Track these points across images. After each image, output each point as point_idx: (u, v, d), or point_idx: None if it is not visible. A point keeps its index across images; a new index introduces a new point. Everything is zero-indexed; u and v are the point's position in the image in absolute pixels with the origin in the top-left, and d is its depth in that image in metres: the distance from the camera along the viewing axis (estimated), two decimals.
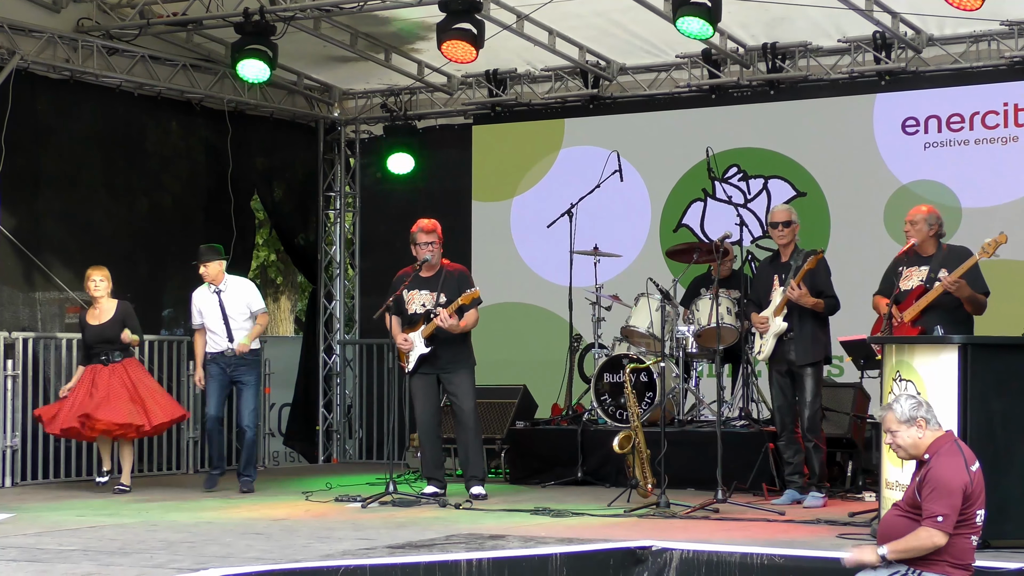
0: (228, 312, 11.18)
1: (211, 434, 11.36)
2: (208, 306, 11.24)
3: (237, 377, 11.22)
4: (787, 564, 7.17)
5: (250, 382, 11.25)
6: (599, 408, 11.55)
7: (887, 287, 9.27)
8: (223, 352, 11.18)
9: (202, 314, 11.27)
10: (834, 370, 11.83)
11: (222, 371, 11.21)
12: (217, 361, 11.22)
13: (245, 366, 11.22)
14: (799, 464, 9.98)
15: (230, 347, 11.15)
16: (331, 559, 7.08)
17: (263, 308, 11.44)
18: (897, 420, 6.32)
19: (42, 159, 12.61)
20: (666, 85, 13.55)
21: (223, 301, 11.20)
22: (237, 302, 11.24)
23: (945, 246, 9.16)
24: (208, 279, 11.25)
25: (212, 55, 13.63)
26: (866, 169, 12.61)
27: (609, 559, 7.53)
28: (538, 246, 13.72)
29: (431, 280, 10.45)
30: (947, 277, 8.77)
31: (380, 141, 14.95)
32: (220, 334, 11.18)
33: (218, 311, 11.18)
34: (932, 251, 9.10)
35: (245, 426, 11.22)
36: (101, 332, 11.17)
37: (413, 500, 10.05)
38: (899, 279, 9.09)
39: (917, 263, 9.10)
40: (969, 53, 12.30)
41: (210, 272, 11.23)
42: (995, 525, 6.86)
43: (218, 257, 11.30)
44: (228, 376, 11.22)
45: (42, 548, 7.63)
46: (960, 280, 8.72)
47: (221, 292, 11.24)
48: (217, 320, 11.19)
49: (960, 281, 8.72)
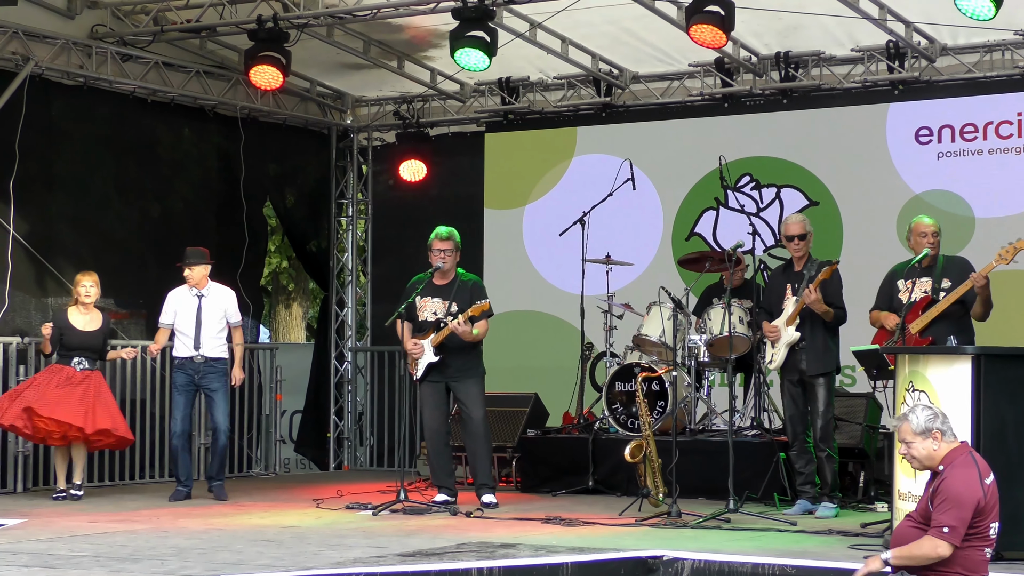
0: (204, 318, 11.05)
1: (176, 451, 11.11)
2: (185, 308, 11.11)
3: (206, 384, 11.06)
4: (798, 574, 7.15)
5: (219, 388, 11.08)
6: (610, 417, 11.54)
7: (885, 301, 9.29)
8: (192, 358, 11.03)
9: (176, 315, 11.12)
10: (846, 380, 11.81)
11: (189, 379, 11.06)
12: (184, 368, 11.06)
13: (214, 373, 11.07)
14: (811, 474, 9.96)
15: (199, 353, 11.02)
16: (342, 567, 7.07)
17: (239, 320, 11.34)
18: (912, 431, 6.30)
19: (55, 164, 12.64)
20: (679, 94, 13.54)
21: (202, 306, 11.11)
22: (216, 309, 11.14)
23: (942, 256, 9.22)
24: (192, 283, 11.14)
25: (225, 62, 13.66)
26: (879, 179, 12.60)
27: (620, 568, 7.51)
28: (550, 254, 13.72)
29: (444, 288, 10.44)
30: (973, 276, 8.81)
31: (392, 148, 14.96)
32: (189, 337, 11.03)
33: (194, 315, 11.06)
34: (931, 263, 9.13)
35: (221, 429, 11.07)
36: (85, 340, 11.02)
37: (424, 508, 10.04)
38: (898, 292, 9.12)
39: (917, 275, 9.10)
40: (983, 63, 12.28)
41: (194, 276, 11.13)
42: (1008, 536, 6.82)
43: (204, 261, 11.21)
44: (195, 384, 11.08)
45: (54, 554, 7.63)
46: (986, 277, 8.79)
47: (202, 297, 11.15)
48: (190, 324, 11.04)
49: (986, 278, 8.79)
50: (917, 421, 6.29)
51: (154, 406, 12.75)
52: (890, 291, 9.29)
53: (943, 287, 8.99)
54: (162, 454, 12.77)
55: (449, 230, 10.48)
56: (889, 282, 9.33)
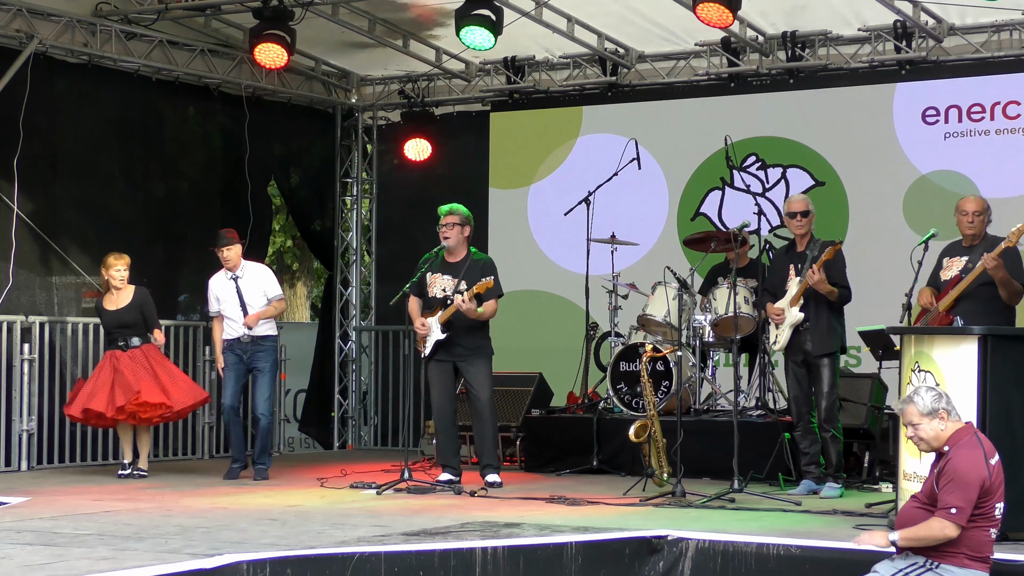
0: (246, 299, 11.13)
1: (228, 425, 11.32)
2: (225, 292, 11.20)
3: (253, 364, 11.17)
4: (803, 555, 7.15)
5: (266, 368, 11.19)
6: (615, 396, 11.53)
7: (932, 278, 9.22)
8: (239, 339, 11.13)
9: (219, 300, 11.23)
10: (851, 360, 11.80)
11: (239, 359, 11.16)
12: (233, 348, 11.16)
13: (262, 352, 11.17)
14: (815, 454, 9.95)
15: (247, 333, 11.12)
16: (346, 546, 7.07)
17: (280, 294, 11.42)
18: (919, 413, 6.28)
19: (60, 143, 12.61)
20: (685, 73, 13.50)
21: (240, 287, 11.17)
22: (254, 288, 11.21)
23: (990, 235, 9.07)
24: (228, 265, 11.21)
25: (230, 40, 13.62)
26: (885, 159, 12.56)
27: (624, 548, 7.51)
28: (555, 234, 13.70)
29: (455, 266, 10.42)
30: (984, 257, 8.71)
31: (397, 127, 14.92)
32: (237, 320, 11.13)
33: (235, 297, 11.14)
34: (977, 241, 9.05)
35: (260, 414, 11.18)
36: (119, 317, 11.16)
37: (428, 487, 10.04)
38: (941, 269, 9.08)
39: (959, 253, 9.06)
40: (990, 43, 12.23)
41: (232, 257, 11.18)
42: (1013, 517, 6.82)
43: (236, 241, 11.26)
44: (245, 364, 11.18)
45: (58, 532, 7.64)
46: (998, 259, 8.67)
47: (239, 278, 11.20)
48: (235, 306, 11.14)
49: (998, 260, 8.67)
50: (923, 402, 6.28)
51: None
52: (938, 268, 9.21)
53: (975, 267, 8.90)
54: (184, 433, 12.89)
55: (453, 206, 10.45)
56: (939, 259, 9.25)
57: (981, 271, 8.74)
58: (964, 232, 9.09)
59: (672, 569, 7.41)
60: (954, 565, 6.14)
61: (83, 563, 6.49)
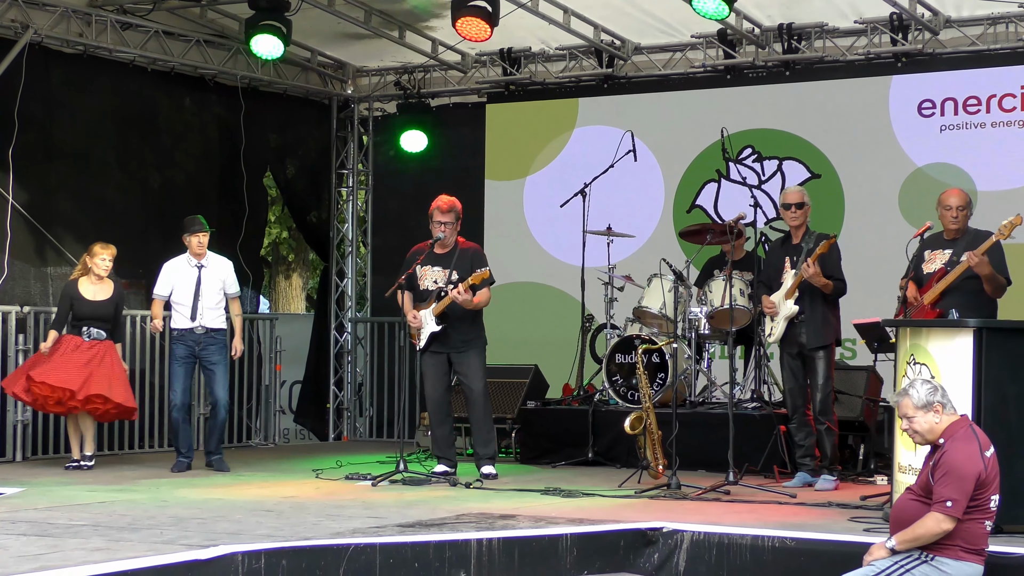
0: (203, 288, 10.97)
1: (176, 424, 11.04)
2: (184, 279, 11.02)
3: (206, 357, 10.98)
4: (798, 547, 7.15)
5: (220, 361, 11.01)
6: (611, 389, 11.53)
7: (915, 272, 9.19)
8: (191, 329, 10.95)
9: (174, 286, 11.01)
10: (847, 353, 11.80)
11: (189, 351, 10.98)
12: (184, 340, 10.98)
13: (214, 345, 11.00)
14: (810, 447, 9.96)
15: (199, 324, 10.93)
16: (341, 537, 7.07)
17: (237, 292, 11.28)
18: (914, 406, 6.29)
19: (55, 134, 12.60)
20: (681, 65, 13.49)
21: (201, 277, 11.03)
22: (214, 280, 11.07)
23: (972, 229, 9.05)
24: (194, 252, 11.05)
25: (226, 31, 13.60)
26: (881, 151, 12.56)
27: (620, 540, 7.52)
28: (551, 226, 13.70)
29: (445, 257, 10.41)
30: (968, 254, 8.69)
31: (393, 119, 14.91)
32: (186, 307, 10.95)
33: (193, 286, 10.97)
34: (959, 235, 9.02)
35: (220, 404, 11.00)
36: (95, 309, 11.01)
37: (423, 479, 10.04)
38: (922, 263, 9.04)
39: (942, 246, 9.03)
40: (986, 35, 12.22)
41: (205, 242, 11.05)
42: (1008, 510, 6.82)
43: (205, 229, 11.12)
44: (195, 356, 11.00)
45: (52, 523, 7.63)
46: (983, 257, 8.66)
47: (202, 267, 11.08)
48: (188, 294, 10.96)
49: (983, 257, 8.65)
50: (918, 395, 6.28)
51: (154, 376, 12.72)
52: (919, 261, 9.17)
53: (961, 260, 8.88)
54: (162, 424, 12.72)
55: (450, 200, 10.44)
56: (919, 252, 9.22)
57: (963, 270, 8.72)
58: (948, 227, 9.06)
59: (667, 561, 7.41)
60: (949, 557, 6.15)
61: (78, 554, 6.48)
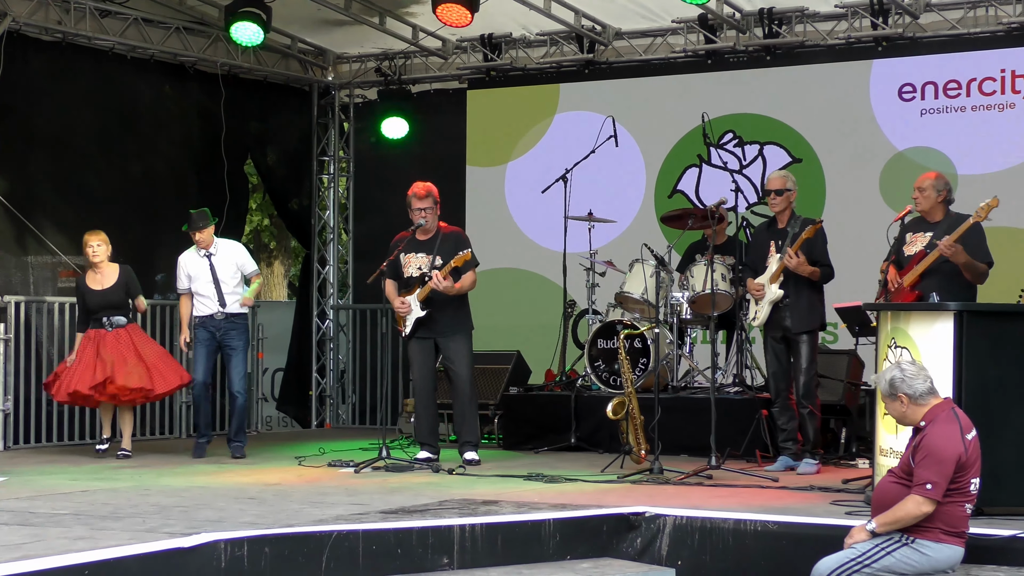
0: (219, 276, 11.09)
1: (198, 400, 11.23)
2: (198, 270, 11.15)
3: (227, 341, 11.12)
4: (780, 531, 7.16)
5: (239, 347, 11.15)
6: (593, 374, 11.54)
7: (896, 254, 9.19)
8: (212, 315, 11.08)
9: (191, 278, 11.17)
10: (828, 337, 11.82)
11: (211, 336, 11.12)
12: (206, 325, 11.12)
13: (235, 330, 11.13)
14: (793, 431, 9.98)
15: (220, 310, 11.07)
16: (324, 524, 7.06)
17: (256, 270, 11.39)
18: (881, 394, 6.37)
19: (35, 122, 12.55)
20: (662, 50, 13.48)
21: (214, 264, 11.13)
22: (228, 265, 11.16)
23: (953, 213, 9.04)
24: (202, 245, 11.17)
25: (205, 18, 13.55)
26: (862, 135, 12.58)
27: (602, 525, 7.53)
28: (533, 211, 13.69)
29: (427, 243, 10.40)
30: (944, 240, 8.70)
31: (374, 105, 14.89)
32: (211, 297, 11.08)
33: (209, 275, 11.10)
34: (939, 217, 8.98)
35: (236, 392, 11.15)
36: (105, 297, 11.06)
37: (406, 465, 10.05)
38: (903, 245, 9.04)
39: (923, 229, 9.02)
40: (967, 19, 12.24)
41: (205, 238, 11.14)
42: (989, 492, 6.86)
43: (210, 223, 11.20)
44: (217, 341, 11.13)
45: (34, 512, 7.62)
46: (956, 245, 8.63)
47: (212, 256, 11.16)
48: (207, 284, 11.09)
49: (956, 246, 8.63)
50: (884, 386, 6.37)
51: None
52: (900, 243, 9.17)
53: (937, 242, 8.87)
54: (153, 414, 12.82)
55: (427, 186, 10.42)
56: (900, 234, 9.21)
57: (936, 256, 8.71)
58: (916, 208, 9.07)
59: (650, 545, 7.42)
60: (930, 540, 6.18)
61: (60, 543, 6.48)
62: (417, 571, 6.97)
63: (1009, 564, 6.58)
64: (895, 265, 8.99)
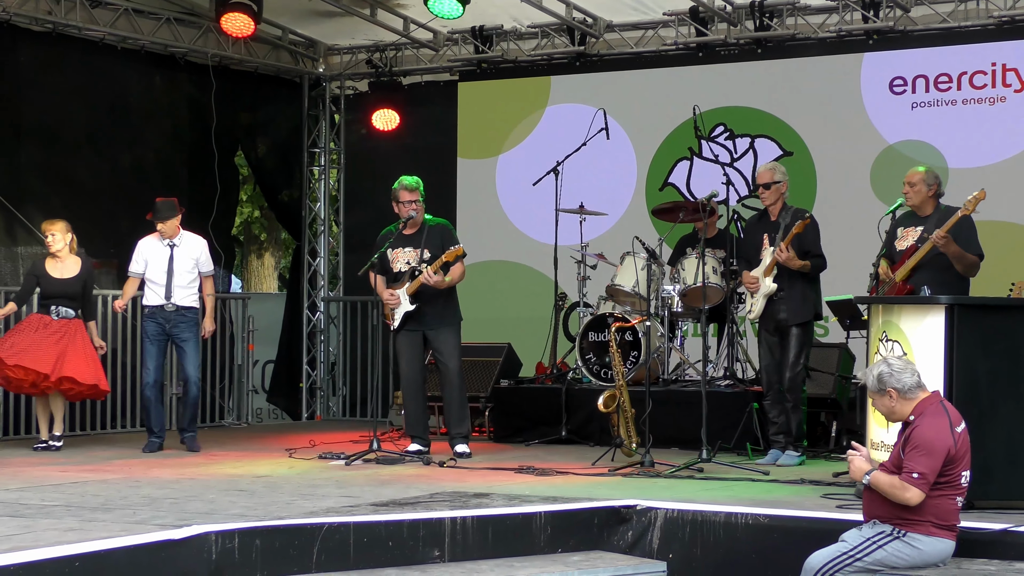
0: (175, 267, 10.94)
1: (148, 402, 10.98)
2: (156, 257, 10.99)
3: (177, 333, 10.95)
4: (771, 524, 7.17)
5: (190, 338, 10.98)
6: (584, 367, 11.54)
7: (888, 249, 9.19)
8: (162, 307, 10.93)
9: (147, 264, 11.00)
10: (819, 330, 11.83)
11: (159, 328, 10.95)
12: (155, 317, 10.95)
13: (184, 322, 10.97)
14: (784, 424, 9.98)
15: (169, 302, 10.93)
16: (315, 516, 7.06)
17: (211, 270, 11.24)
18: (870, 390, 6.38)
19: (24, 112, 12.52)
20: (653, 43, 13.48)
21: (174, 255, 11.00)
22: (187, 258, 11.03)
23: (943, 207, 9.04)
24: (166, 235, 11.04)
25: (196, 9, 13.51)
26: (853, 129, 12.58)
27: (593, 518, 7.53)
28: (523, 204, 13.68)
29: (414, 237, 10.38)
30: (935, 233, 8.70)
31: (365, 97, 14.86)
32: (160, 287, 10.93)
33: (165, 264, 10.95)
34: (930, 211, 9.00)
35: (192, 382, 10.97)
36: (63, 287, 10.91)
37: (397, 458, 10.04)
38: (895, 240, 9.05)
39: (914, 223, 9.03)
40: (957, 12, 12.25)
41: (168, 229, 11.01)
42: (979, 486, 6.87)
43: (174, 213, 11.05)
44: (167, 334, 10.97)
45: (24, 503, 7.60)
46: (947, 236, 8.65)
47: (175, 247, 11.03)
48: (161, 273, 10.94)
49: (947, 237, 8.65)
50: (872, 381, 6.35)
51: (126, 356, 12.68)
52: (892, 238, 9.17)
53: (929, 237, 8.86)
54: (135, 404, 12.67)
55: (415, 180, 10.38)
56: (892, 229, 9.21)
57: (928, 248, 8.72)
58: (907, 203, 9.08)
59: (641, 538, 7.43)
60: (921, 533, 6.19)
61: (50, 534, 6.46)
62: (408, 563, 6.96)
63: (1000, 557, 6.59)
64: (887, 259, 9.00)
